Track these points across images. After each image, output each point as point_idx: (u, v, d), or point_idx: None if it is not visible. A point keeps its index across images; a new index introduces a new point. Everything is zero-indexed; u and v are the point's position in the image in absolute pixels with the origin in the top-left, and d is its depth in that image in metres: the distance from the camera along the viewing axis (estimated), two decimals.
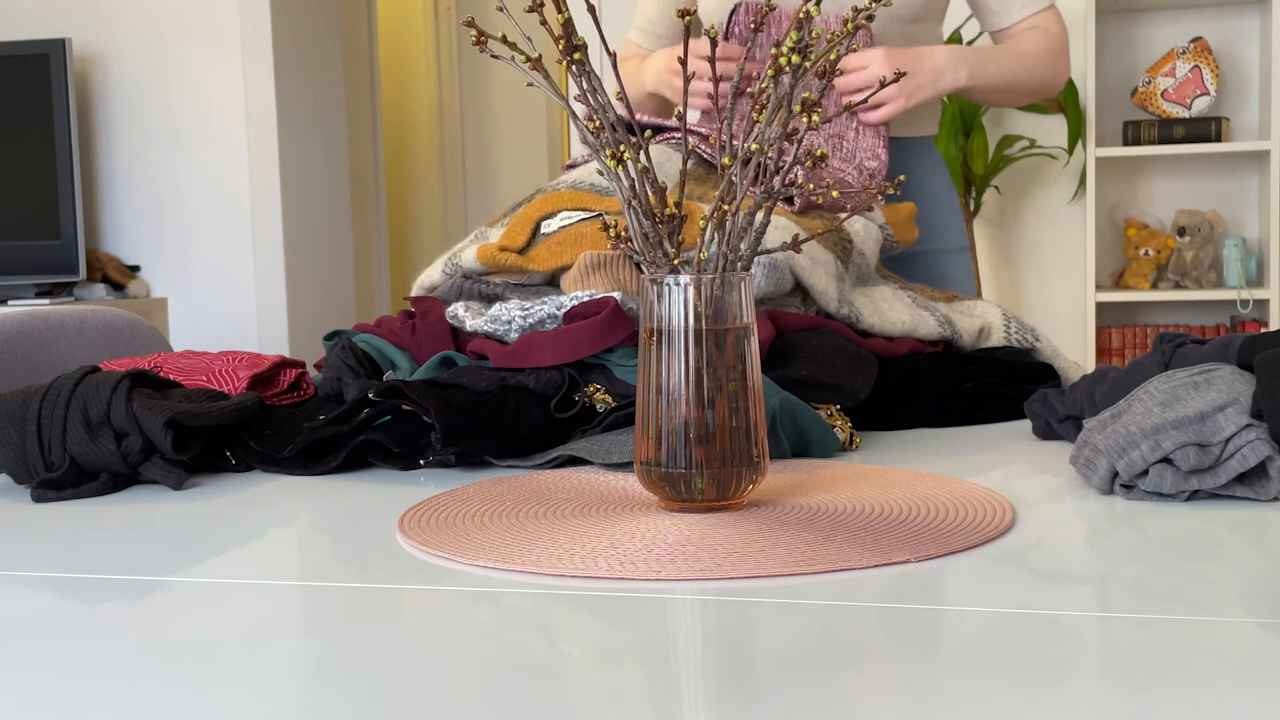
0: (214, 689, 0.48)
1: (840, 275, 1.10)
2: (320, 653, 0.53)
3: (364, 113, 4.68)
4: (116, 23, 3.81)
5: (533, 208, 1.11)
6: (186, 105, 3.80)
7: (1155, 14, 3.80)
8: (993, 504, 0.73)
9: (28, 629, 0.57)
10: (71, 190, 3.59)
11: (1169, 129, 3.62)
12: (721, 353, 0.71)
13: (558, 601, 0.59)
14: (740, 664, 0.50)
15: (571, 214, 1.08)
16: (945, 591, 0.59)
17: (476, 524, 0.72)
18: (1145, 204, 3.86)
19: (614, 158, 0.73)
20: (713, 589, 0.59)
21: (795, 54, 0.71)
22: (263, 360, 1.06)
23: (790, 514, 0.72)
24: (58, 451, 0.85)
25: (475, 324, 1.01)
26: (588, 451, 0.86)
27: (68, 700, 0.47)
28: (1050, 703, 0.44)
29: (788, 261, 1.03)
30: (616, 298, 0.95)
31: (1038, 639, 0.51)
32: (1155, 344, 0.91)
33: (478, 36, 0.73)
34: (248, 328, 3.85)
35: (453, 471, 0.90)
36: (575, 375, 0.93)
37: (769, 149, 0.73)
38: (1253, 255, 3.74)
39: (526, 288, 1.07)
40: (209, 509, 0.80)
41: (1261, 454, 0.72)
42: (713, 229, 0.73)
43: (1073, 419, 0.93)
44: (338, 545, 0.72)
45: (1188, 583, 0.59)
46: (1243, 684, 0.45)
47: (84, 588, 0.64)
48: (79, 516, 0.80)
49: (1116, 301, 3.76)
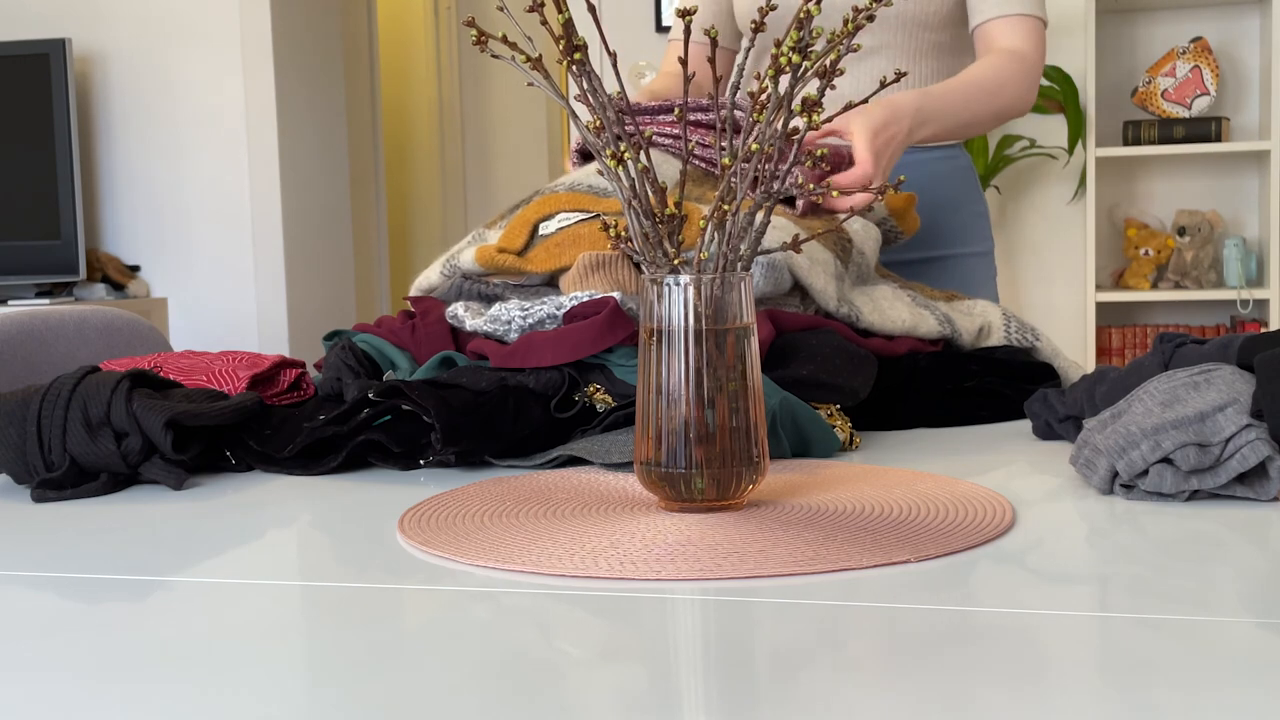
0: (214, 689, 0.48)
1: (840, 274, 1.10)
2: (320, 653, 0.53)
3: (364, 113, 4.68)
4: (116, 23, 3.81)
5: (530, 209, 1.11)
6: (186, 105, 3.80)
7: (1155, 14, 3.80)
8: (993, 504, 0.73)
9: (28, 629, 0.57)
10: (71, 190, 3.59)
11: (1169, 129, 3.62)
12: (721, 353, 0.71)
13: (558, 601, 0.59)
14: (740, 664, 0.50)
15: (569, 215, 1.08)
16: (945, 591, 0.59)
17: (476, 524, 0.72)
18: (1145, 204, 3.86)
19: (614, 158, 0.73)
20: (713, 589, 0.59)
21: (795, 54, 0.71)
22: (263, 360, 1.06)
23: (790, 514, 0.72)
24: (58, 451, 0.85)
25: (475, 324, 1.01)
26: (588, 451, 0.86)
27: (68, 700, 0.47)
28: (1050, 703, 0.44)
29: (786, 261, 1.03)
30: (616, 298, 0.95)
31: (1038, 639, 0.51)
32: (1155, 344, 0.91)
33: (478, 36, 0.73)
34: (248, 328, 3.85)
35: (453, 471, 0.90)
36: (575, 375, 0.93)
37: (769, 149, 0.73)
38: (1253, 255, 3.74)
39: (526, 288, 1.07)
40: (209, 509, 0.80)
41: (1261, 454, 0.72)
42: (713, 229, 0.73)
43: (1073, 419, 0.93)
44: (338, 545, 0.72)
45: (1188, 583, 0.59)
46: (1243, 684, 0.45)
47: (84, 588, 0.64)
48: (79, 516, 0.80)
49: (1116, 301, 3.76)
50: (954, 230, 1.53)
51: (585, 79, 0.73)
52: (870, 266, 1.18)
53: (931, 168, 1.56)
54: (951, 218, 1.53)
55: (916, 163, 1.54)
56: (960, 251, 1.56)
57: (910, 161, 1.53)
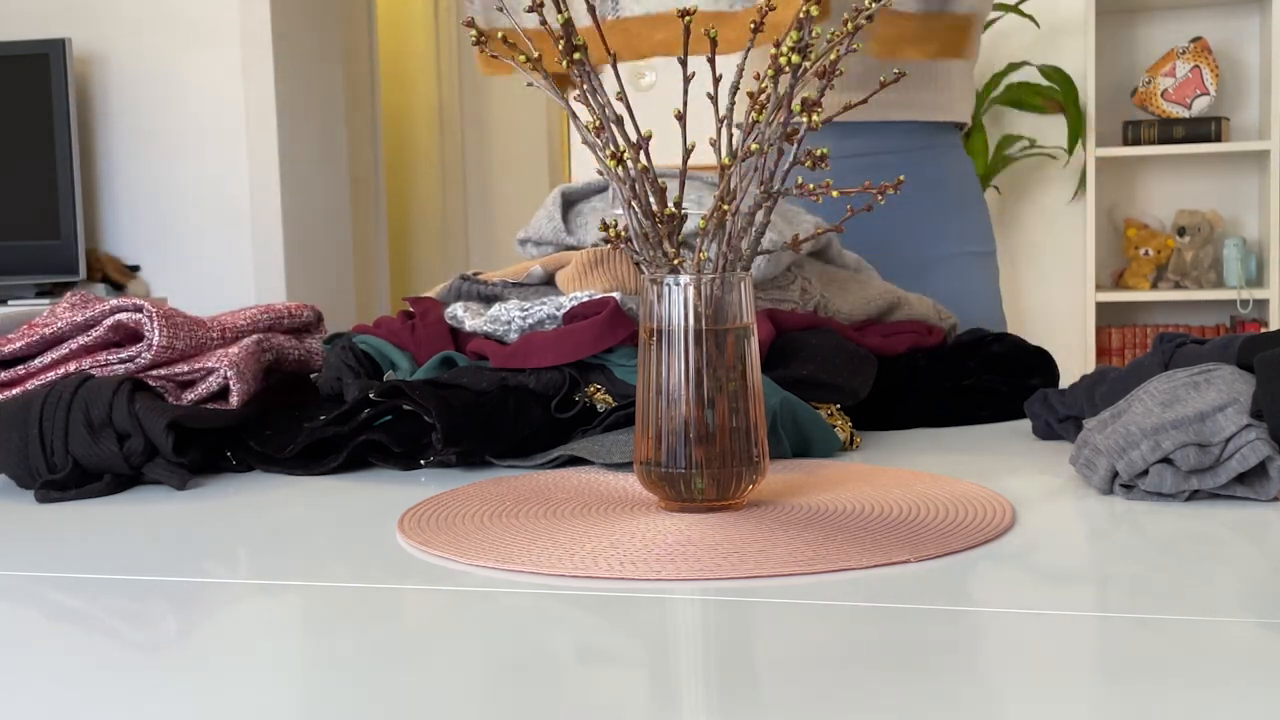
0: (214, 689, 0.48)
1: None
2: (320, 653, 0.53)
3: (364, 113, 4.68)
4: (116, 23, 3.81)
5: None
6: (186, 105, 3.80)
7: (1155, 14, 3.80)
8: (993, 504, 0.73)
9: (28, 629, 0.57)
10: (71, 190, 3.59)
11: (1169, 129, 3.62)
12: (721, 353, 0.71)
13: (558, 601, 0.59)
14: (740, 664, 0.50)
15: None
16: (945, 591, 0.59)
17: (476, 524, 0.72)
18: (1145, 204, 3.86)
19: (614, 158, 0.73)
20: (713, 589, 0.59)
21: (795, 54, 0.71)
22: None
23: (790, 514, 0.72)
24: (60, 453, 0.86)
25: (475, 324, 1.01)
26: (588, 451, 0.87)
27: (68, 700, 0.47)
28: (1050, 703, 0.44)
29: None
30: (616, 298, 0.95)
31: (1038, 639, 0.51)
32: (1155, 344, 0.91)
33: (478, 36, 0.73)
34: None
35: (453, 471, 0.90)
36: (575, 375, 0.93)
37: (768, 149, 0.73)
38: (1252, 255, 3.74)
39: (525, 287, 1.07)
40: (210, 509, 0.80)
41: (1261, 454, 0.72)
42: (713, 229, 0.73)
43: (1073, 419, 0.93)
44: (338, 545, 0.72)
45: (1188, 583, 0.59)
46: (1243, 684, 0.45)
47: (85, 588, 0.64)
48: (81, 517, 0.80)
49: (1116, 301, 3.76)
50: (946, 229, 1.49)
51: (585, 79, 0.73)
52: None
53: (927, 153, 1.50)
54: (951, 218, 1.51)
55: (913, 161, 1.49)
56: (961, 251, 1.51)
57: (906, 160, 1.48)
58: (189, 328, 0.95)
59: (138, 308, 0.94)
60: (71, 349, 0.94)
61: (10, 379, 0.96)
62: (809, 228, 1.08)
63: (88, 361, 0.94)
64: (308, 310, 1.07)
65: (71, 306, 0.97)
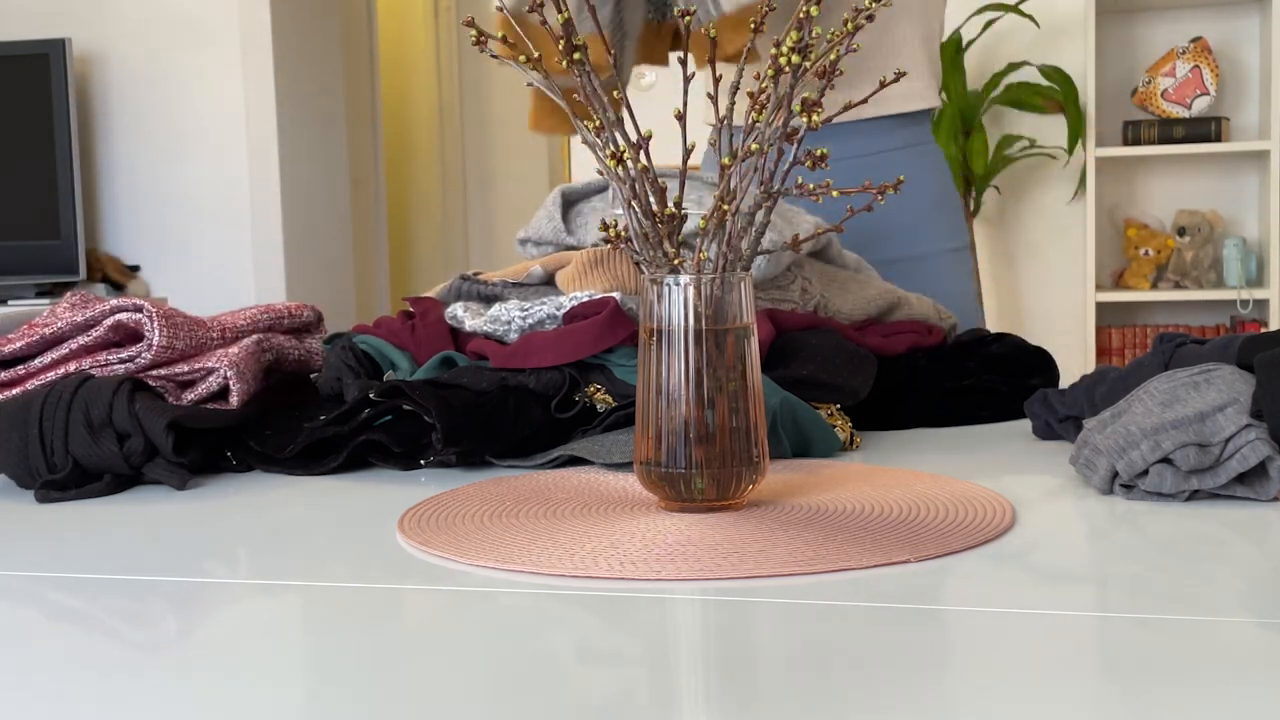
0: (214, 689, 0.48)
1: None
2: (320, 653, 0.53)
3: (364, 113, 4.68)
4: (116, 23, 3.81)
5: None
6: (186, 105, 3.80)
7: (1155, 14, 3.80)
8: (993, 504, 0.73)
9: (28, 629, 0.57)
10: (71, 190, 3.59)
11: (1169, 129, 3.62)
12: (721, 353, 0.71)
13: (558, 601, 0.59)
14: (740, 664, 0.50)
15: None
16: (945, 591, 0.59)
17: (476, 524, 0.72)
18: (1145, 204, 3.86)
19: (613, 157, 0.73)
20: (713, 589, 0.59)
21: (795, 54, 0.71)
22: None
23: (790, 514, 0.72)
24: (60, 453, 0.86)
25: (474, 324, 1.01)
26: (588, 451, 0.87)
27: (68, 700, 0.47)
28: (1050, 703, 0.44)
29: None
30: (616, 298, 0.95)
31: (1038, 639, 0.51)
32: (1155, 344, 0.91)
33: (478, 36, 0.73)
34: None
35: (453, 471, 0.90)
36: (576, 375, 0.93)
37: (768, 149, 0.73)
38: (1253, 255, 3.74)
39: (525, 287, 1.07)
40: (210, 509, 0.80)
41: (1261, 454, 0.72)
42: (713, 229, 0.73)
43: (1073, 419, 0.93)
44: (338, 545, 0.72)
45: (1188, 583, 0.59)
46: (1243, 684, 0.45)
47: (85, 588, 0.64)
48: (81, 517, 0.80)
49: (1116, 301, 3.76)
50: (923, 229, 1.45)
51: (585, 79, 0.73)
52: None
53: (892, 147, 1.46)
54: (920, 216, 1.46)
55: (879, 157, 1.45)
56: (931, 250, 1.48)
57: (873, 156, 1.44)
58: (189, 328, 0.95)
59: (138, 308, 0.94)
60: (71, 349, 0.94)
61: (10, 379, 0.96)
62: (809, 228, 1.08)
63: (88, 361, 0.94)
64: (308, 310, 1.07)
65: (71, 306, 0.97)
